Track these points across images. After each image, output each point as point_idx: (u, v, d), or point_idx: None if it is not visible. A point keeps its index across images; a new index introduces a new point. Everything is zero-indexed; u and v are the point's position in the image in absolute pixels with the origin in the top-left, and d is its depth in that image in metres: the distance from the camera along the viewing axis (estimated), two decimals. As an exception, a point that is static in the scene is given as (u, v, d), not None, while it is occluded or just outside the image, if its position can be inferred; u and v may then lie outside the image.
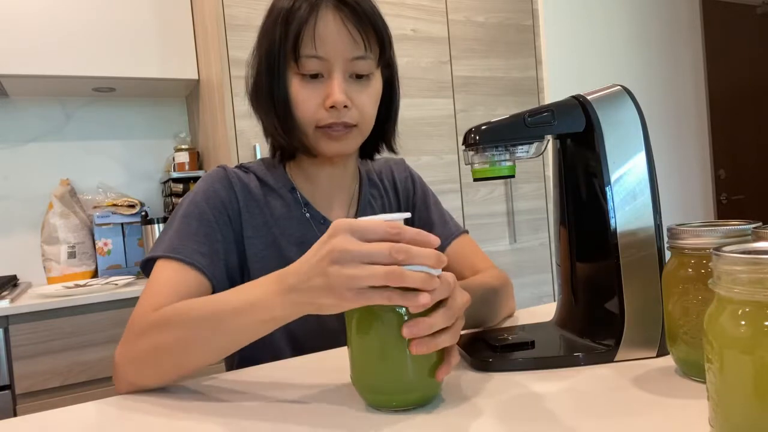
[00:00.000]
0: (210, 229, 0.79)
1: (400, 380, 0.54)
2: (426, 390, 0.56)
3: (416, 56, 2.15)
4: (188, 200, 0.81)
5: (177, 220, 0.79)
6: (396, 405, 0.55)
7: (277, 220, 0.85)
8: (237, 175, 0.85)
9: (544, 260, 2.42)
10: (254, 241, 0.83)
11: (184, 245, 0.76)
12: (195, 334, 0.63)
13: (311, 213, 0.87)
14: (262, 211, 0.84)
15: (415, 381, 0.54)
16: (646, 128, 0.66)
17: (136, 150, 2.30)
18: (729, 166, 3.73)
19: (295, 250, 0.83)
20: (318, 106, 0.78)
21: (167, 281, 0.73)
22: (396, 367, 0.54)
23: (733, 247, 0.42)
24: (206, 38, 1.95)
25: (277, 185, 0.87)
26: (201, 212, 0.79)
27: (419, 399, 0.56)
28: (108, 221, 2.04)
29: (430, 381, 0.55)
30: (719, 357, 0.39)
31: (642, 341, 0.64)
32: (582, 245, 0.70)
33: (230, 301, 0.61)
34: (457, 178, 2.23)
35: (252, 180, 0.86)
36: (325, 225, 0.86)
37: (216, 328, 0.61)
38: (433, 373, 0.55)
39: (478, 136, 0.67)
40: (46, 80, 1.94)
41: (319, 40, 0.75)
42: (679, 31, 3.55)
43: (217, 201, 0.81)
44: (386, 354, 0.54)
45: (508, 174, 0.68)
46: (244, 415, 0.58)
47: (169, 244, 0.77)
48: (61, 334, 1.60)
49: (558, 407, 0.53)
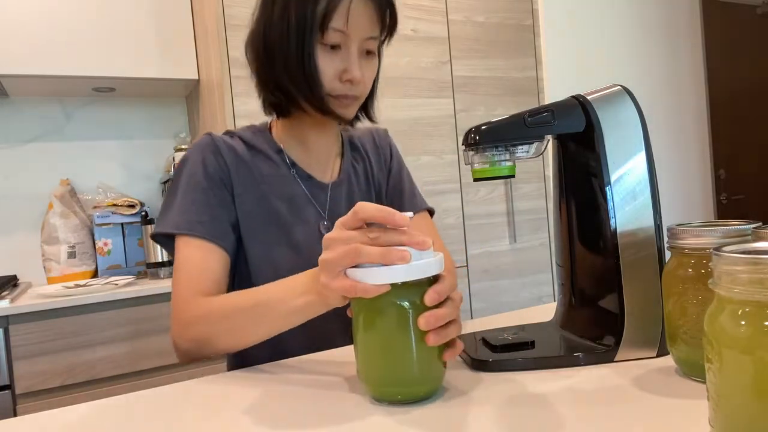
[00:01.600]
0: (212, 198, 0.85)
1: (406, 373, 0.56)
2: (430, 383, 0.57)
3: (416, 56, 2.15)
4: (185, 173, 0.87)
5: (180, 193, 0.85)
6: (401, 398, 0.57)
7: (265, 177, 0.89)
8: (223, 140, 0.89)
9: (544, 260, 2.42)
10: (244, 198, 0.88)
11: (198, 220, 0.83)
12: (242, 324, 0.72)
13: (298, 172, 0.92)
14: (250, 170, 0.89)
15: (419, 374, 0.56)
16: (646, 128, 0.66)
17: (136, 150, 2.30)
18: (729, 166, 3.73)
19: (285, 206, 0.89)
20: (334, 76, 0.83)
21: (197, 262, 0.81)
22: (401, 360, 0.55)
23: (733, 247, 0.42)
24: (206, 38, 1.95)
25: (263, 147, 0.91)
26: (198, 182, 0.85)
27: (424, 392, 0.57)
28: (108, 221, 2.04)
29: (434, 374, 0.57)
30: (719, 357, 0.39)
31: (642, 341, 0.64)
32: (582, 245, 0.70)
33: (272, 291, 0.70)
34: (457, 178, 2.23)
35: (238, 143, 0.90)
36: (312, 182, 0.92)
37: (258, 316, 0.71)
38: (437, 367, 0.57)
39: (478, 136, 0.67)
40: (46, 80, 1.94)
41: (350, 17, 0.80)
42: (679, 31, 3.55)
43: (210, 168, 0.86)
44: (392, 348, 0.55)
45: (508, 174, 0.68)
46: (246, 409, 0.58)
47: (182, 219, 0.83)
48: (61, 334, 1.60)
49: (558, 407, 0.53)
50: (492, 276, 2.29)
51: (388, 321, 0.55)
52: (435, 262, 0.56)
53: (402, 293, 0.55)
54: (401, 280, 0.54)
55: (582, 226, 0.70)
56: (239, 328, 0.72)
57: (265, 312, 0.70)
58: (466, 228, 2.24)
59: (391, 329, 0.55)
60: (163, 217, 0.86)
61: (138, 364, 1.69)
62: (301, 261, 0.80)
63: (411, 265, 0.54)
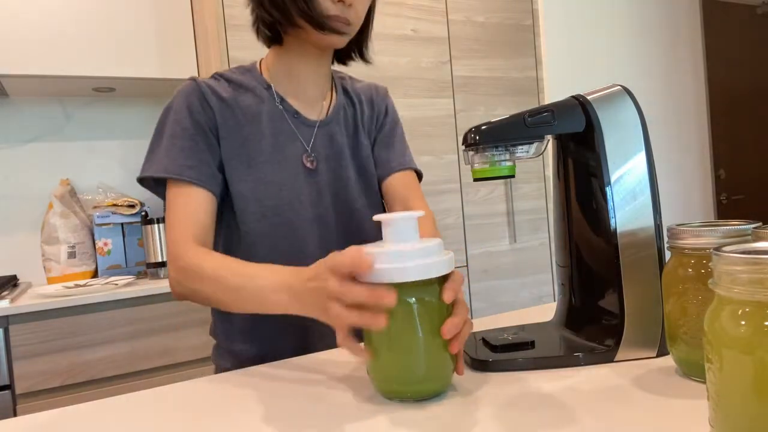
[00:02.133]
0: (199, 143, 0.86)
1: (416, 371, 0.57)
2: (440, 380, 0.58)
3: (416, 56, 2.15)
4: (170, 118, 0.88)
5: (167, 138, 0.86)
6: (411, 396, 0.57)
7: (250, 117, 0.90)
8: (207, 84, 0.90)
9: (544, 260, 2.42)
10: (229, 140, 0.89)
11: (188, 165, 0.85)
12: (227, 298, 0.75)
13: (285, 108, 0.93)
14: (233, 112, 0.90)
15: (430, 372, 0.57)
16: (646, 128, 0.66)
17: (136, 150, 2.30)
18: (729, 166, 3.73)
19: (270, 142, 0.90)
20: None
21: (187, 208, 0.84)
22: (412, 359, 0.56)
23: (733, 247, 0.42)
24: (206, 38, 1.94)
25: (252, 85, 0.92)
26: (185, 129, 0.86)
27: (434, 389, 0.58)
28: (108, 221, 2.04)
29: (444, 372, 0.58)
30: (719, 357, 0.39)
31: (642, 341, 0.64)
32: (582, 245, 0.70)
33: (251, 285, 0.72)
34: (457, 178, 2.23)
35: (222, 85, 0.91)
36: (299, 119, 0.93)
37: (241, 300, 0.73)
38: (447, 364, 0.58)
39: (478, 136, 0.67)
40: (46, 80, 1.94)
41: None
42: (679, 31, 3.55)
43: (196, 115, 0.87)
44: (402, 346, 0.56)
45: (508, 174, 0.68)
46: (246, 409, 0.58)
47: (172, 163, 0.84)
48: (61, 334, 1.60)
49: (558, 407, 0.53)
50: (492, 276, 2.29)
51: (399, 320, 0.56)
52: (447, 261, 0.57)
53: (411, 292, 0.56)
54: (413, 279, 0.55)
55: (582, 226, 0.70)
56: (225, 299, 0.76)
57: (246, 297, 0.73)
58: (466, 228, 2.24)
59: (402, 328, 0.56)
60: (150, 159, 0.87)
61: (138, 364, 1.69)
62: (284, 195, 0.88)
63: (423, 265, 0.55)
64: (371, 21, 0.96)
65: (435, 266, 0.56)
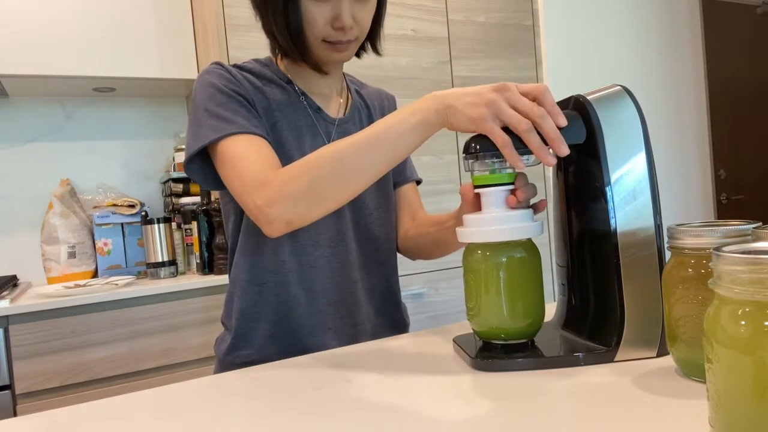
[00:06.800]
0: (243, 106, 0.84)
1: (511, 315, 0.68)
2: (533, 326, 0.69)
3: (416, 56, 2.15)
4: (204, 95, 0.84)
5: (205, 113, 0.83)
6: (505, 336, 0.69)
7: (278, 104, 0.90)
8: (233, 70, 0.89)
9: (544, 260, 2.41)
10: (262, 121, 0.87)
11: (237, 123, 0.81)
12: (353, 158, 0.72)
13: (308, 102, 0.93)
14: (265, 96, 0.89)
15: (523, 316, 0.68)
16: (646, 128, 0.66)
17: (136, 150, 2.30)
18: (729, 166, 3.73)
19: (293, 134, 0.89)
20: (326, 23, 0.84)
21: (254, 151, 0.80)
22: (507, 305, 0.68)
23: (733, 247, 0.42)
24: (206, 38, 1.95)
25: (273, 77, 0.92)
26: (224, 98, 0.84)
27: (526, 332, 0.69)
28: (108, 221, 2.04)
29: (535, 318, 0.69)
30: (719, 357, 0.39)
31: (642, 341, 0.64)
32: (582, 245, 0.70)
33: (383, 121, 0.72)
34: (457, 178, 2.23)
35: (247, 74, 0.91)
36: (321, 114, 0.94)
37: (373, 146, 0.71)
38: (539, 311, 0.70)
39: (478, 145, 0.67)
40: (46, 80, 1.94)
41: None
42: (679, 31, 3.55)
43: (231, 86, 0.85)
44: (498, 294, 0.68)
45: (508, 181, 0.68)
46: (246, 409, 0.58)
47: (221, 125, 0.81)
48: (61, 334, 1.60)
49: (558, 407, 0.53)
50: (492, 276, 2.29)
51: (504, 270, 0.67)
52: (539, 225, 0.68)
53: (505, 250, 0.68)
54: (530, 236, 0.68)
55: (582, 226, 0.70)
56: (344, 167, 0.72)
57: (379, 139, 0.71)
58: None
59: (513, 279, 0.68)
60: (194, 137, 0.83)
61: (138, 364, 1.69)
62: None
63: (533, 225, 0.67)
64: (382, 15, 0.95)
65: (536, 227, 0.68)
